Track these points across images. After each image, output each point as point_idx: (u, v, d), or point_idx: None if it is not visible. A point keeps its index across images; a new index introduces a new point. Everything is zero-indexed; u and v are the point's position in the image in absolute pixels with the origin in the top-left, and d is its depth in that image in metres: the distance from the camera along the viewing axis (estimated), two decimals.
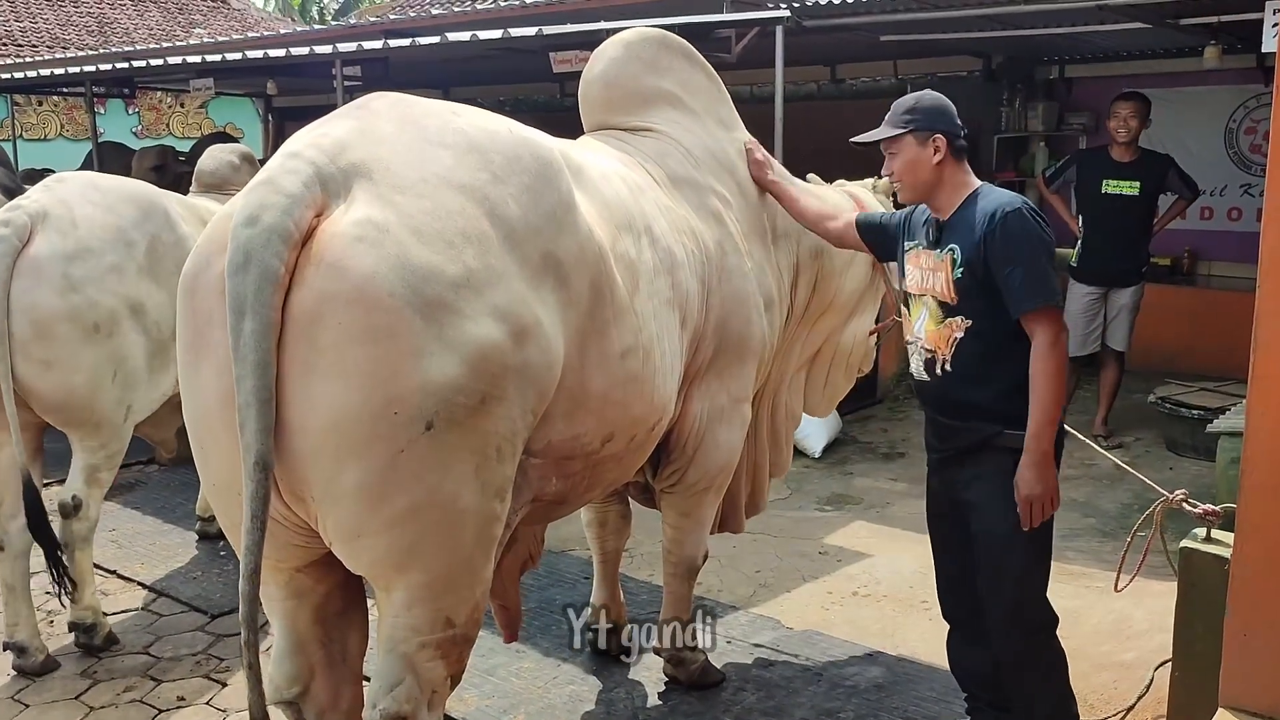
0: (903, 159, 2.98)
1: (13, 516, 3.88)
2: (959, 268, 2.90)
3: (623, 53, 3.43)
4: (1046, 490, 2.83)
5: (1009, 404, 2.88)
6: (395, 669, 2.32)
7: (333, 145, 2.22)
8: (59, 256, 3.78)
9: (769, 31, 5.99)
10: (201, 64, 8.47)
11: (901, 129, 2.97)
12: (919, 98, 3.02)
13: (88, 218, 3.92)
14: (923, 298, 3.05)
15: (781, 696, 3.70)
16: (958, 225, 2.94)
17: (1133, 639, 4.00)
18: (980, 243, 2.85)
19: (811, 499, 5.83)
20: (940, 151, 2.94)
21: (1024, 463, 2.81)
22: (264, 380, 2.03)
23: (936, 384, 3.02)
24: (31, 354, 3.72)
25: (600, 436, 2.68)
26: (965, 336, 2.92)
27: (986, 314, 2.89)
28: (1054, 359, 2.79)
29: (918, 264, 3.08)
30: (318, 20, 29.81)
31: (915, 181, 2.99)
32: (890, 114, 3.02)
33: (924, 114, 2.97)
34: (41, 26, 19.35)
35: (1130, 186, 6.33)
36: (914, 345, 3.11)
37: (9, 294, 3.65)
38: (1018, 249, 2.81)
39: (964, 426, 2.98)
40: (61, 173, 4.50)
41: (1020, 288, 2.80)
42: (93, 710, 3.74)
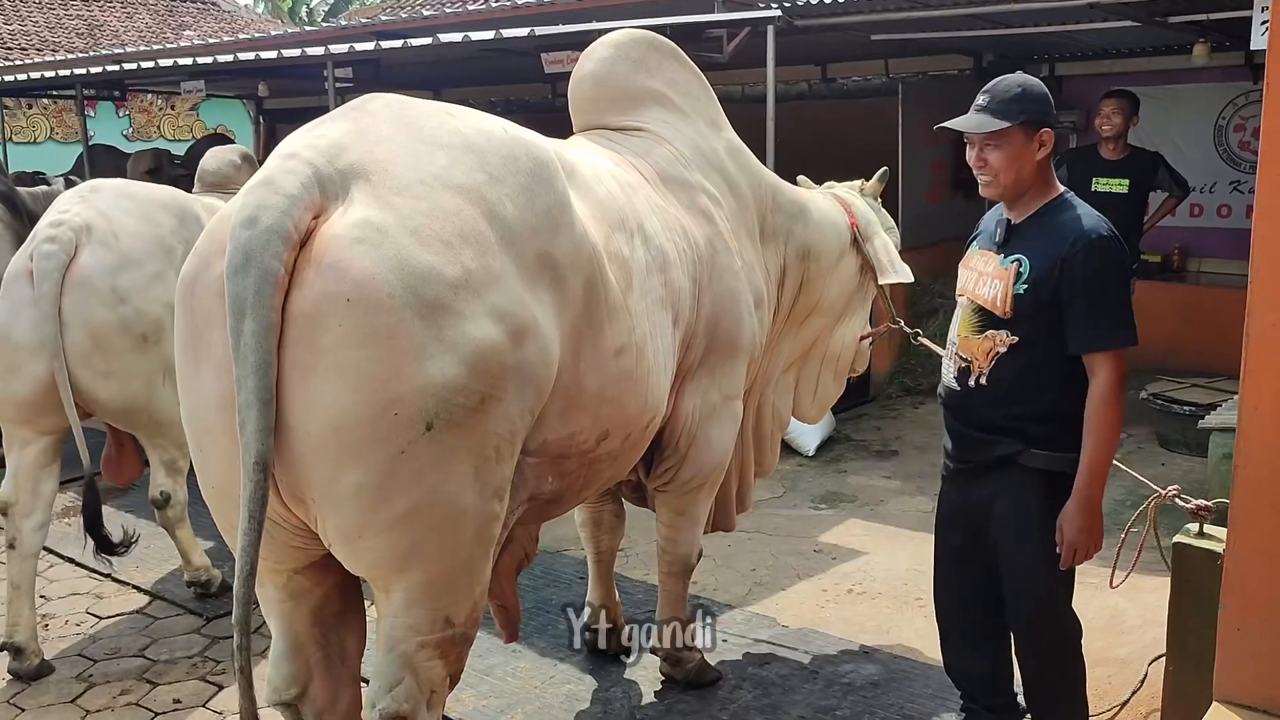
0: (1006, 153, 2.72)
1: (27, 516, 3.98)
2: (1023, 283, 2.71)
3: (612, 53, 3.45)
4: (1092, 538, 2.74)
5: (1039, 426, 2.77)
6: (394, 669, 2.32)
7: (330, 146, 2.23)
8: (106, 270, 3.94)
9: (760, 31, 6.00)
10: (192, 66, 8.45)
11: (1009, 120, 2.70)
12: (1025, 84, 2.73)
13: (127, 228, 4.05)
14: (963, 299, 2.91)
15: (778, 694, 3.71)
16: (1033, 235, 2.75)
17: (1126, 634, 4.02)
18: (1058, 264, 2.65)
19: (806, 497, 5.85)
20: (1046, 147, 2.73)
21: (1073, 508, 2.71)
22: (264, 381, 2.03)
23: (966, 396, 2.88)
24: (92, 365, 3.91)
25: (595, 435, 2.69)
26: (1007, 353, 2.77)
27: (1038, 336, 2.72)
28: (1117, 403, 2.65)
29: (969, 265, 2.92)
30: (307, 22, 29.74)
31: (1016, 179, 2.75)
32: (990, 99, 2.73)
33: (1035, 103, 2.71)
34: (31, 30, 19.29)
35: (1120, 184, 6.34)
36: (949, 351, 2.95)
37: (59, 307, 3.80)
38: (1103, 282, 2.64)
39: (988, 441, 2.86)
40: (93, 180, 4.61)
41: (1096, 324, 2.63)
42: (89, 714, 3.74)
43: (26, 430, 3.96)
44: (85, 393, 3.93)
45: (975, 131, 2.76)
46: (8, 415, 3.96)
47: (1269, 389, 2.28)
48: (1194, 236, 8.47)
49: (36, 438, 3.97)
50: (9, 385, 3.89)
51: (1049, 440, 2.76)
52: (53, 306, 3.78)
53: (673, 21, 5.88)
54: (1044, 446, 2.77)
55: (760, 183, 3.62)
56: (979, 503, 2.95)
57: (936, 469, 5.97)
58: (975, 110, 2.76)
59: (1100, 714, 3.51)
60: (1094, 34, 7.22)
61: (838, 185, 4.25)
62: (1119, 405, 2.67)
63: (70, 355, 3.83)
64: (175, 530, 4.51)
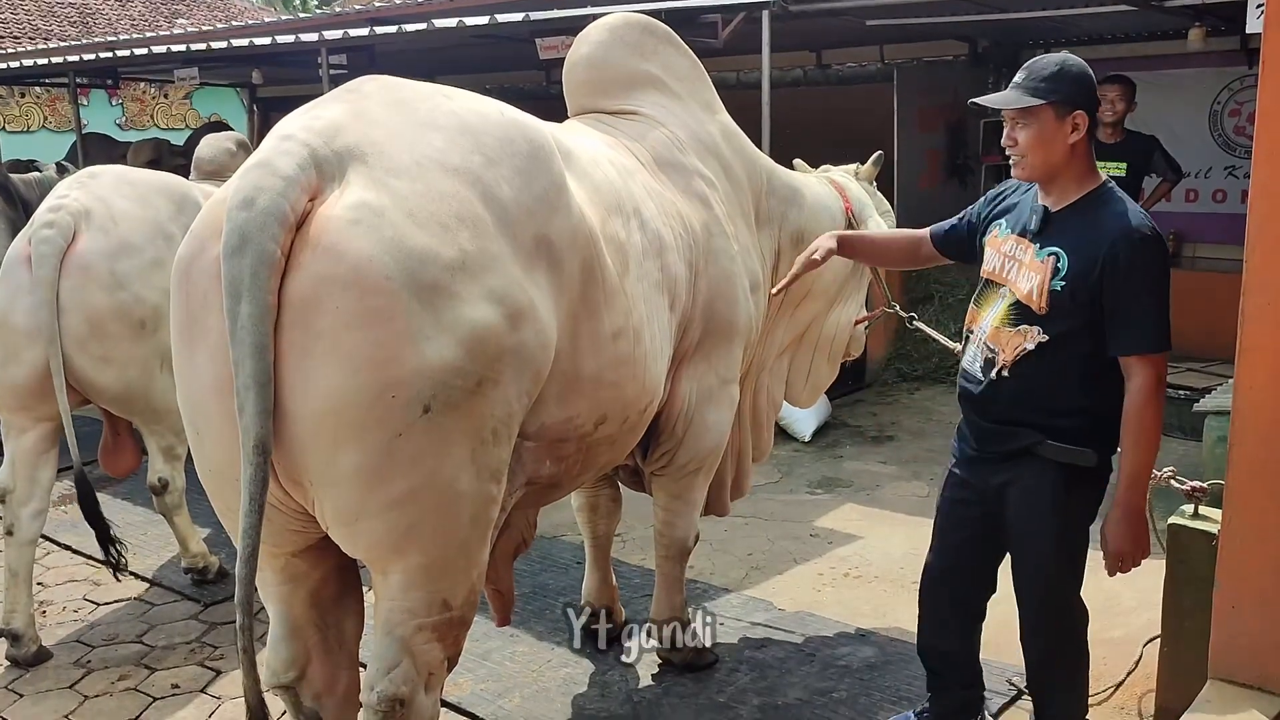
0: (1034, 133, 2.61)
1: (25, 503, 3.98)
2: (1060, 279, 2.60)
3: (607, 36, 3.44)
4: (1138, 547, 2.65)
5: (1060, 420, 2.70)
6: (392, 651, 2.33)
7: (326, 128, 2.22)
8: (105, 254, 3.92)
9: (755, 16, 6.00)
10: (186, 53, 8.44)
11: (1040, 99, 2.59)
12: (1064, 62, 2.63)
13: (126, 213, 4.04)
14: (1000, 289, 2.77)
15: (774, 677, 3.72)
16: (1072, 226, 2.64)
17: (1121, 616, 4.04)
18: (1100, 262, 2.55)
19: (802, 482, 5.86)
20: (1079, 131, 2.61)
21: (1116, 516, 2.64)
22: (262, 363, 2.03)
23: (988, 387, 2.78)
24: (91, 351, 3.89)
25: (593, 419, 2.69)
26: (1035, 349, 2.67)
27: (1071, 335, 2.62)
28: (1158, 407, 2.57)
29: (1000, 249, 2.80)
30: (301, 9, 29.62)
31: (1043, 161, 2.64)
32: (1026, 76, 2.63)
33: (1069, 84, 2.60)
34: (23, 18, 19.21)
35: (1117, 168, 6.34)
36: (976, 338, 2.84)
37: (57, 292, 3.79)
38: (1148, 283, 2.54)
39: (1005, 431, 2.79)
40: (91, 166, 4.59)
41: (1138, 326, 2.55)
42: (87, 699, 3.74)
43: (25, 417, 3.96)
44: (83, 378, 3.92)
45: (1003, 107, 2.66)
46: (6, 402, 3.96)
47: (1264, 369, 2.30)
48: (1189, 222, 8.46)
49: (34, 424, 3.97)
50: (7, 371, 3.89)
51: (1068, 434, 2.69)
52: (50, 292, 3.77)
53: (668, 6, 5.87)
54: (1062, 439, 2.70)
55: (755, 166, 3.62)
56: (995, 489, 2.88)
57: (931, 455, 6.07)
58: (1011, 87, 2.66)
59: (1096, 694, 3.52)
60: (1089, 19, 7.21)
61: (834, 169, 4.25)
62: (1159, 409, 2.59)
63: (68, 340, 3.82)
64: (173, 516, 4.52)
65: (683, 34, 3.67)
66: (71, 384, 3.86)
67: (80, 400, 4.02)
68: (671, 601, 3.73)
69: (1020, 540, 2.87)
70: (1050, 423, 2.71)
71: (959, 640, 3.15)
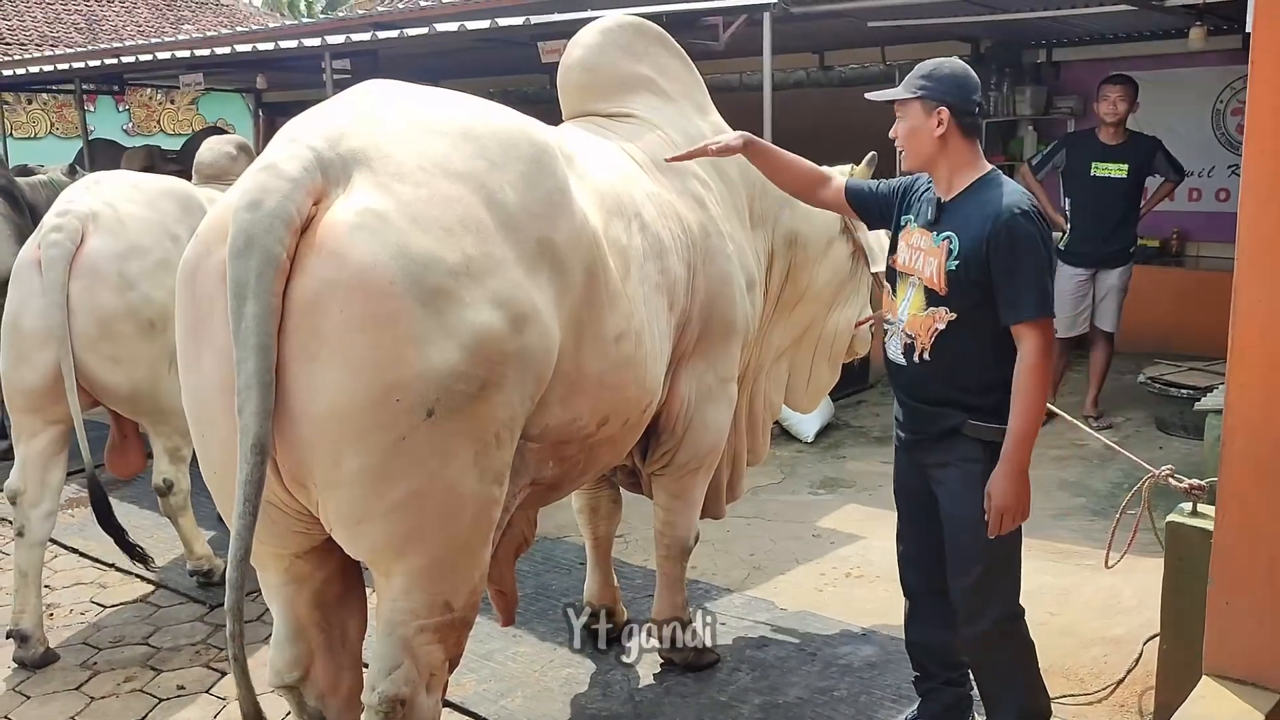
0: (906, 125, 2.87)
1: (35, 505, 4.02)
2: (954, 259, 2.79)
3: (600, 39, 3.46)
4: (1019, 503, 2.77)
5: (980, 397, 2.84)
6: (394, 652, 2.35)
7: (332, 132, 2.24)
8: (113, 256, 3.97)
9: (757, 19, 6.00)
10: (191, 59, 8.47)
11: (911, 94, 2.83)
12: (938, 64, 2.87)
13: (133, 216, 4.10)
14: (910, 278, 2.96)
15: (776, 676, 3.74)
16: (960, 211, 2.83)
17: (1122, 614, 4.05)
18: (983, 240, 2.74)
19: (804, 483, 5.88)
20: (943, 125, 2.80)
21: (1001, 472, 2.76)
22: (265, 363, 2.05)
23: (912, 371, 2.95)
24: (100, 351, 3.94)
25: (596, 420, 2.71)
26: (946, 329, 2.84)
27: (973, 311, 2.80)
28: (1042, 371, 2.73)
29: (909, 241, 2.98)
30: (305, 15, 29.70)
31: (915, 151, 2.88)
32: (911, 76, 2.88)
33: (936, 82, 2.82)
34: (30, 25, 19.30)
35: (1119, 169, 6.37)
36: (894, 327, 3.02)
37: (67, 294, 3.84)
38: (1024, 255, 2.71)
39: (933, 413, 2.93)
40: (97, 173, 4.65)
41: (1020, 296, 2.72)
42: (94, 700, 3.77)
43: (36, 419, 4.00)
44: (93, 379, 3.96)
45: (879, 99, 2.93)
46: (18, 404, 4.00)
47: (1257, 365, 2.31)
48: (1192, 221, 8.48)
49: (45, 427, 4.01)
50: (20, 374, 3.94)
51: (989, 411, 2.82)
52: (61, 294, 3.82)
53: (669, 9, 5.89)
54: (983, 418, 2.82)
55: (748, 167, 3.63)
56: (929, 472, 3.00)
57: None
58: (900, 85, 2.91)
59: (1095, 693, 3.54)
60: (1091, 19, 7.22)
61: (832, 172, 4.25)
62: (1045, 373, 2.75)
63: (78, 342, 3.86)
64: (178, 518, 4.55)
65: (684, 36, 3.69)
66: (81, 385, 3.91)
67: (90, 403, 4.06)
68: (673, 601, 3.75)
69: (949, 521, 2.96)
70: (971, 401, 2.85)
71: (940, 630, 3.15)
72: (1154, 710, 3.34)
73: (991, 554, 2.89)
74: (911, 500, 3.15)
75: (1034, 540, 4.50)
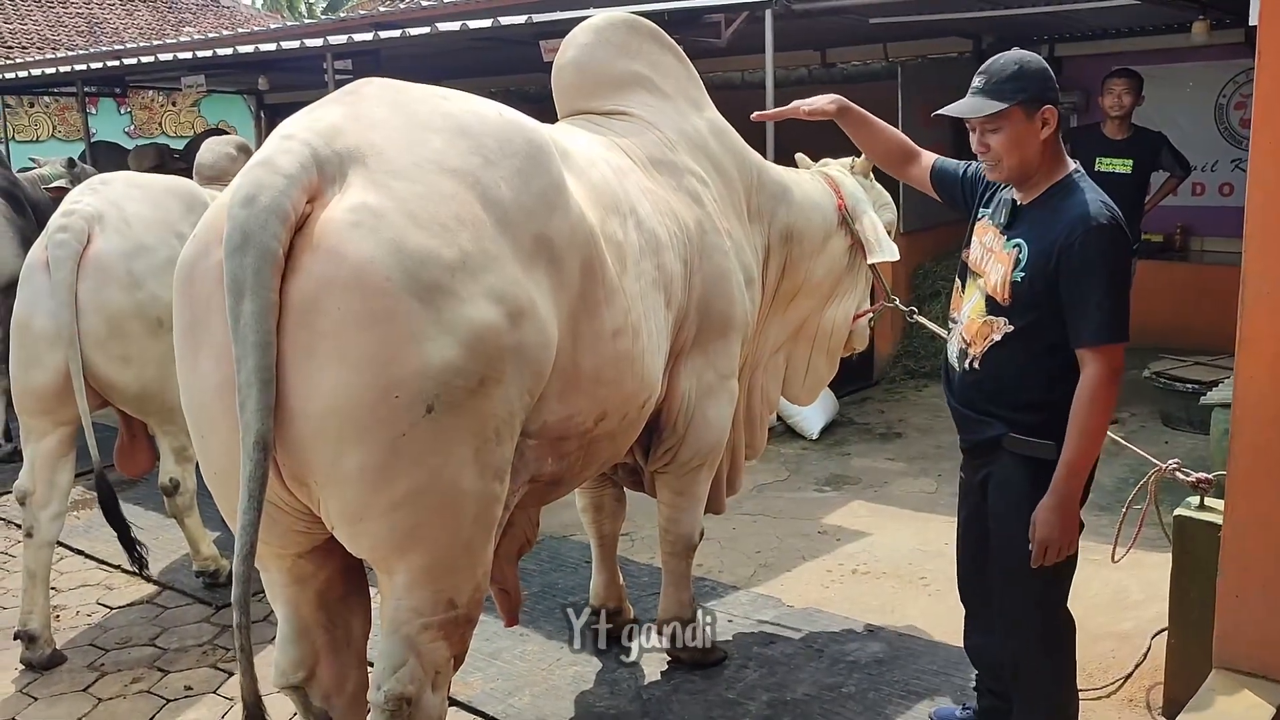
0: (1008, 136, 2.59)
1: (44, 506, 4.03)
2: (1021, 270, 2.61)
3: (593, 38, 3.45)
4: (1065, 536, 2.59)
5: (1027, 414, 2.69)
6: (398, 651, 2.34)
7: (327, 129, 2.24)
8: (121, 254, 3.99)
9: (758, 16, 6.00)
10: (193, 60, 8.47)
11: (1006, 101, 2.57)
12: (1022, 61, 2.60)
13: (139, 215, 4.11)
14: (978, 279, 2.79)
15: (783, 673, 3.73)
16: (1035, 218, 2.64)
17: (1130, 609, 4.04)
18: (1055, 254, 2.54)
19: (810, 480, 5.87)
20: (1049, 125, 2.59)
21: (1047, 503, 2.59)
22: (264, 360, 2.04)
23: (962, 377, 2.83)
24: (110, 351, 3.95)
25: (594, 415, 2.70)
26: (1001, 341, 2.68)
27: (1034, 326, 2.62)
28: (1104, 400, 2.53)
29: (983, 239, 2.81)
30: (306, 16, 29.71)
31: (1020, 162, 2.63)
32: (986, 80, 2.61)
33: (1031, 81, 2.57)
34: (31, 28, 19.32)
35: (1123, 164, 6.31)
36: (955, 328, 2.88)
37: (75, 294, 3.85)
38: (1099, 272, 2.50)
39: (981, 421, 2.81)
40: (104, 174, 4.65)
41: (1092, 317, 2.51)
42: (101, 702, 3.77)
43: (45, 421, 4.00)
44: (102, 378, 3.97)
45: (973, 115, 2.64)
46: (28, 406, 4.00)
47: (1264, 357, 2.30)
48: (1196, 215, 8.46)
49: (54, 428, 4.01)
50: (30, 376, 3.94)
51: (1034, 427, 2.67)
52: (70, 294, 3.83)
53: (670, 7, 5.89)
54: (1028, 432, 2.68)
55: (745, 162, 3.63)
56: (976, 483, 2.90)
57: (940, 451, 6.07)
58: (972, 93, 2.65)
59: (1103, 688, 3.53)
60: (1094, 13, 7.19)
61: (832, 162, 4.25)
62: (1108, 404, 2.56)
63: (87, 341, 3.87)
64: (184, 518, 4.55)
65: (686, 34, 3.68)
66: (90, 385, 3.91)
67: (98, 403, 4.07)
68: (679, 598, 3.74)
69: (995, 535, 2.84)
70: (1015, 416, 2.71)
71: (989, 641, 3.04)
72: (1163, 704, 3.33)
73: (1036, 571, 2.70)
74: (966, 507, 3.02)
75: None
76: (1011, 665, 2.93)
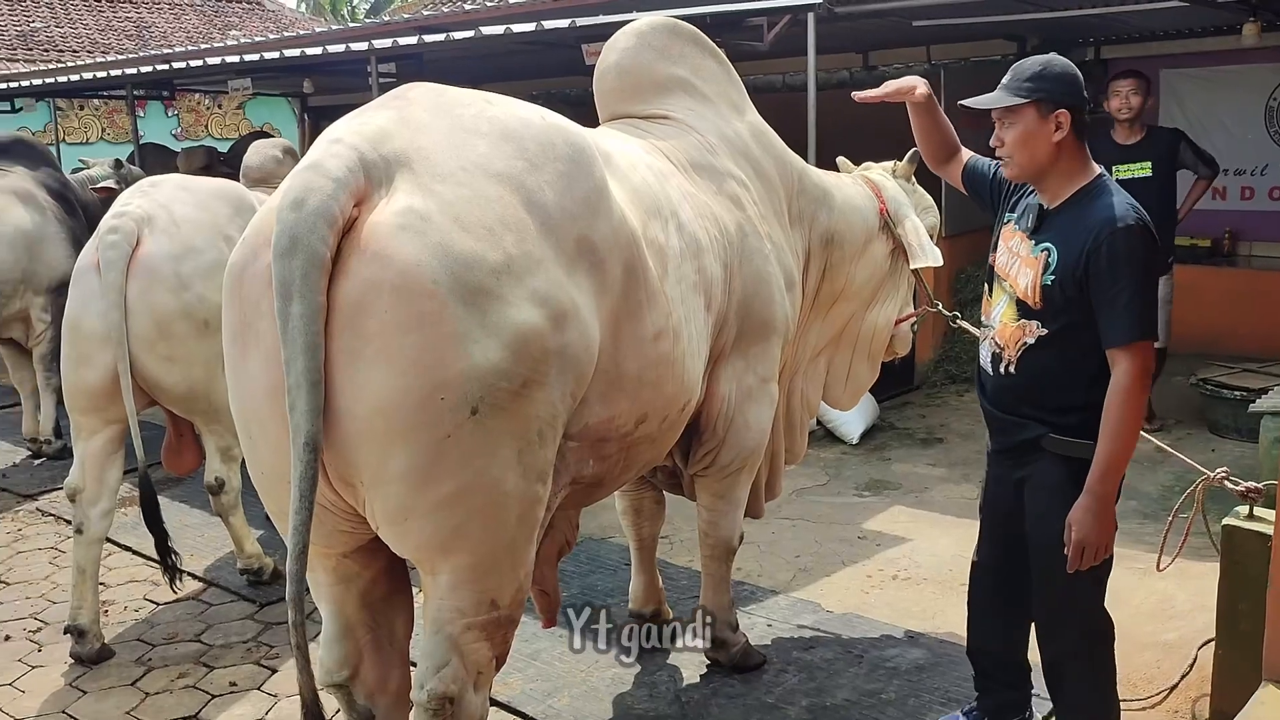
0: (1018, 132, 2.66)
1: (94, 502, 4.10)
2: (1050, 273, 2.65)
3: (635, 42, 3.46)
4: (1102, 537, 2.62)
5: (1065, 415, 2.72)
6: (441, 650, 2.37)
7: (375, 133, 2.27)
8: (169, 257, 4.06)
9: (801, 19, 5.98)
10: (239, 64, 8.58)
11: (1023, 98, 2.64)
12: (1047, 62, 2.68)
13: (187, 218, 4.18)
14: (1005, 284, 2.83)
15: (823, 678, 3.72)
16: (1063, 222, 2.69)
17: (1175, 619, 3.99)
18: (1084, 257, 2.59)
19: (850, 485, 5.84)
20: (1063, 129, 2.64)
21: (1083, 504, 2.61)
22: (313, 362, 2.07)
23: (997, 380, 2.86)
24: (157, 351, 4.02)
25: (634, 418, 2.72)
26: (1035, 344, 2.72)
27: (1067, 329, 2.67)
28: (1137, 398, 2.57)
29: (1008, 244, 2.86)
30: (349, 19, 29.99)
31: (1029, 160, 2.69)
32: (1011, 78, 2.69)
33: (1050, 83, 2.63)
34: (81, 32, 19.64)
35: (1141, 168, 6.01)
36: (987, 332, 2.91)
37: (125, 295, 3.92)
38: (1127, 274, 2.54)
39: (1015, 423, 2.84)
40: (153, 176, 4.73)
41: (1121, 317, 2.56)
42: (148, 696, 3.83)
43: (95, 419, 4.08)
44: (150, 378, 4.04)
45: (988, 107, 2.72)
46: (79, 404, 4.08)
47: None
48: (1245, 220, 8.32)
49: (104, 426, 4.09)
50: (81, 375, 4.02)
51: (1073, 428, 2.70)
52: (119, 295, 3.91)
53: (713, 10, 5.88)
54: (1067, 433, 2.71)
55: (786, 165, 3.63)
56: (1012, 484, 2.92)
57: (980, 457, 5.95)
58: (999, 89, 2.72)
59: (1148, 698, 3.49)
60: (1141, 15, 7.10)
61: (874, 166, 4.23)
62: (1139, 402, 2.59)
63: (136, 342, 3.94)
64: (229, 517, 4.62)
65: (728, 37, 3.68)
66: (138, 385, 3.99)
67: (146, 403, 4.14)
68: (718, 602, 3.74)
69: (1033, 537, 2.86)
70: (1053, 417, 2.74)
71: (1003, 639, 3.13)
72: (1209, 716, 3.29)
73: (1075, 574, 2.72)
74: (996, 509, 3.05)
75: None
76: (1050, 669, 2.95)
